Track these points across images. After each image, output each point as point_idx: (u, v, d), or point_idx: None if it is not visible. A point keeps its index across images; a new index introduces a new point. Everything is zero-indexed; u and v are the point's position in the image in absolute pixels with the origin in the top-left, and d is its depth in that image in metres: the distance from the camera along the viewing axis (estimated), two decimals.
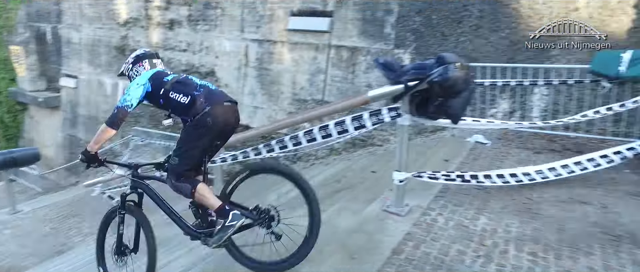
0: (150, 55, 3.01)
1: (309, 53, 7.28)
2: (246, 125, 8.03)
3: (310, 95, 7.35)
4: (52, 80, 13.13)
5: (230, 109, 2.70)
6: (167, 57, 9.18)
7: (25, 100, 13.48)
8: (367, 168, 5.38)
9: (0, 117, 14.27)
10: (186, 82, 2.71)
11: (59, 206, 8.05)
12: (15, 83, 13.72)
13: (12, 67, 13.54)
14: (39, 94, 13.01)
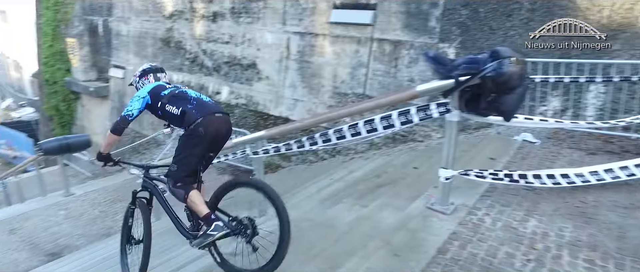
0: (156, 69, 3.29)
1: (351, 46, 7.22)
2: (286, 118, 8.10)
3: (351, 89, 7.30)
4: (102, 71, 13.74)
5: (221, 119, 2.89)
6: (209, 49, 9.38)
7: (78, 90, 14.19)
8: (408, 164, 5.29)
9: (56, 105, 15.10)
10: (181, 96, 2.93)
11: (108, 191, 8.44)
12: (70, 73, 14.46)
13: (68, 58, 14.26)
14: (90, 83, 13.66)
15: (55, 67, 14.84)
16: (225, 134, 2.98)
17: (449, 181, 3.17)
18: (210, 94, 9.52)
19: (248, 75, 8.70)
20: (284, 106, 8.18)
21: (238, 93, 8.93)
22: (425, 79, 6.53)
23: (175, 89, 3.02)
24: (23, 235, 6.51)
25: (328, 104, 7.59)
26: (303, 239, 3.36)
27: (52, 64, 14.91)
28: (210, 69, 9.44)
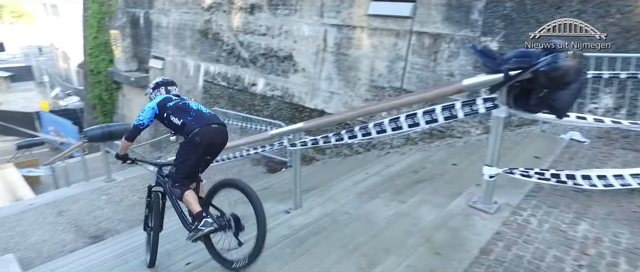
0: (167, 83, 3.67)
1: (389, 39, 7.09)
2: (321, 111, 8.08)
3: (389, 82, 7.18)
4: (142, 62, 14.16)
5: (216, 130, 3.25)
6: (246, 41, 9.46)
7: (119, 80, 14.69)
8: (446, 160, 5.16)
9: (100, 95, 15.70)
10: (183, 108, 3.31)
11: (146, 178, 8.69)
12: (112, 64, 14.99)
13: (111, 49, 14.78)
14: (131, 74, 14.11)
15: (99, 57, 15.42)
16: (221, 143, 3.34)
17: (493, 179, 3.05)
18: (245, 86, 9.63)
19: (284, 68, 8.72)
20: (319, 99, 8.16)
21: (274, 85, 8.97)
22: (465, 73, 6.34)
23: (180, 101, 3.39)
24: (69, 217, 6.82)
25: (364, 97, 7.51)
26: (340, 232, 3.33)
27: (96, 54, 15.50)
28: (246, 60, 9.53)
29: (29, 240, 6.04)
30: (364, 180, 5.10)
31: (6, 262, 4.74)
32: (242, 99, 9.72)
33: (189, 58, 11.36)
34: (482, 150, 5.33)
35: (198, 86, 11.11)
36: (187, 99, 3.48)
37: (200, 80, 10.99)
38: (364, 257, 2.78)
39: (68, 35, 29.51)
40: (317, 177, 6.16)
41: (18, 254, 5.39)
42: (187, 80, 11.53)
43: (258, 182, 7.13)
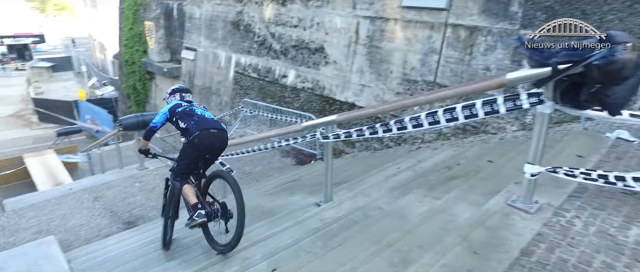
0: (181, 90, 4.19)
1: (423, 32, 6.92)
2: (352, 104, 8.00)
3: (421, 76, 7.02)
4: (174, 53, 14.40)
5: (214, 134, 3.64)
6: (278, 32, 9.45)
7: (152, 70, 15.01)
8: (481, 157, 5.00)
9: (134, 84, 16.11)
10: (189, 114, 3.72)
11: None
12: (146, 55, 15.32)
13: (145, 40, 15.11)
14: (164, 64, 14.38)
15: (133, 48, 15.79)
16: (219, 146, 3.75)
17: (535, 178, 2.92)
18: (276, 78, 9.64)
19: (315, 60, 8.67)
20: (350, 91, 8.08)
21: (304, 77, 8.94)
22: (502, 67, 6.12)
23: (188, 107, 3.81)
24: (105, 203, 7.03)
25: (396, 91, 7.38)
26: (372, 227, 3.28)
27: (131, 45, 15.88)
28: (277, 52, 9.53)
29: (68, 223, 6.27)
30: (395, 175, 5.02)
31: (48, 244, 4.90)
32: (273, 90, 9.74)
33: (221, 49, 11.47)
34: (518, 147, 5.17)
35: (229, 77, 11.22)
36: (196, 106, 3.90)
37: (231, 72, 11.08)
38: (398, 253, 2.72)
39: (105, 27, 30.41)
40: (347, 171, 6.11)
41: (58, 236, 5.59)
42: (218, 71, 11.66)
43: (287, 173, 7.16)
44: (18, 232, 6.10)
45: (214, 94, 11.97)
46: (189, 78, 13.09)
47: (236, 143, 6.17)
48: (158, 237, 4.99)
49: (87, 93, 27.23)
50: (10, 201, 7.63)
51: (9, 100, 31.41)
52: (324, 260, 2.84)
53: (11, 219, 6.57)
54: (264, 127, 9.76)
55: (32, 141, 22.24)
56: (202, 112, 3.81)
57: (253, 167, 7.90)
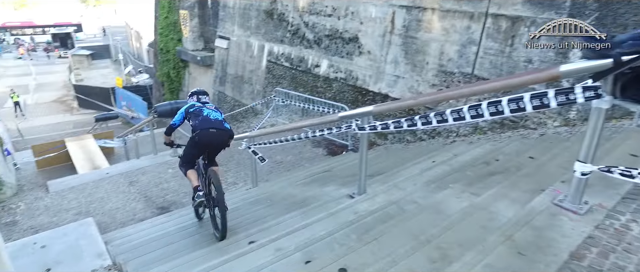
0: (199, 92, 4.65)
1: (462, 22, 6.68)
2: (385, 95, 7.86)
3: (458, 68, 6.80)
4: (208, 41, 14.57)
5: (214, 134, 4.18)
6: (312, 21, 9.37)
7: (186, 58, 15.25)
8: (522, 153, 4.79)
9: (168, 72, 16.44)
10: (196, 114, 4.29)
11: None
12: (180, 43, 15.57)
13: (180, 29, 15.35)
14: (198, 53, 14.58)
15: (168, 37, 16.08)
16: (218, 144, 4.30)
17: (586, 177, 2.74)
18: (309, 67, 9.58)
19: (349, 49, 8.55)
20: (383, 82, 7.93)
21: (337, 67, 8.84)
22: (546, 60, 5.84)
23: (198, 108, 4.35)
24: (139, 187, 7.21)
25: (431, 82, 7.18)
26: (409, 222, 3.19)
27: (166, 34, 16.18)
28: (311, 41, 9.46)
29: (105, 206, 6.47)
30: (430, 168, 4.88)
31: (88, 225, 5.06)
32: (305, 80, 9.70)
33: (254, 38, 11.50)
34: (562, 143, 4.93)
35: (261, 66, 11.25)
36: (208, 107, 4.42)
37: (264, 61, 11.10)
38: (437, 250, 2.62)
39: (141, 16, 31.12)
40: (380, 163, 6.01)
41: (96, 218, 5.77)
42: (251, 60, 11.71)
43: (318, 164, 7.12)
44: (60, 212, 6.34)
45: (247, 83, 12.04)
46: (221, 67, 13.21)
47: (268, 132, 6.17)
48: (190, 223, 5.08)
49: (124, 80, 28.03)
50: (53, 182, 7.95)
51: (52, 86, 32.81)
52: (360, 253, 2.78)
53: (55, 200, 6.84)
54: (295, 117, 9.74)
55: (72, 126, 23.16)
56: (209, 112, 4.32)
57: (284, 157, 7.91)
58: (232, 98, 12.86)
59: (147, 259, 3.83)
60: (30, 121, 24.07)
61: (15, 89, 26.25)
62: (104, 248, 4.57)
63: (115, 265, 4.21)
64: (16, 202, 6.90)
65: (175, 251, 3.95)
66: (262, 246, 3.29)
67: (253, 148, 5.86)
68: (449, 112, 3.07)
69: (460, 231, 2.85)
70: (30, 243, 4.77)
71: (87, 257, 4.42)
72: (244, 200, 5.48)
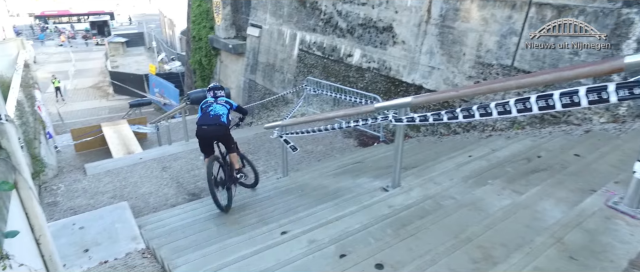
0: (215, 88, 5.29)
1: (503, 11, 6.39)
2: (419, 86, 7.65)
3: (497, 59, 6.53)
4: (240, 29, 14.61)
5: (206, 129, 4.89)
6: (345, 10, 9.21)
7: (218, 46, 15.36)
8: (566, 150, 4.55)
9: (200, 60, 16.62)
10: (203, 109, 5.06)
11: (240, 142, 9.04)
12: (213, 31, 15.69)
13: (213, 16, 15.45)
14: (229, 41, 14.65)
15: (201, 25, 16.23)
16: (213, 137, 5.00)
17: None
18: (341, 56, 9.45)
19: (382, 39, 8.36)
20: (417, 73, 7.72)
21: (370, 57, 8.68)
22: (594, 53, 5.51)
23: (208, 104, 5.05)
24: (172, 173, 7.32)
25: (468, 74, 6.94)
26: (448, 219, 3.06)
27: (199, 22, 16.33)
28: (343, 30, 9.31)
29: (139, 190, 6.60)
30: (467, 163, 4.71)
31: (123, 209, 5.17)
32: (337, 69, 9.58)
33: (286, 26, 11.44)
34: (612, 141, 4.65)
35: (293, 55, 11.19)
36: (216, 103, 5.04)
37: (296, 49, 11.04)
38: (479, 249, 2.50)
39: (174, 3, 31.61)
40: (414, 156, 5.86)
41: (130, 202, 5.89)
42: (282, 48, 11.67)
43: (350, 155, 7.03)
44: (97, 195, 6.52)
45: (278, 72, 12.03)
46: (253, 55, 13.24)
47: (302, 122, 6.10)
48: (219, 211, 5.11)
49: (157, 67, 28.62)
50: (90, 165, 8.19)
51: (89, 73, 33.91)
52: (397, 249, 2.69)
53: (92, 183, 7.03)
54: (326, 107, 9.66)
55: (108, 111, 23.90)
56: (214, 108, 4.95)
57: (315, 146, 7.85)
58: (262, 86, 12.88)
59: (179, 245, 3.86)
60: (70, 106, 24.98)
61: (56, 74, 27.26)
62: (138, 232, 4.66)
63: (149, 249, 4.28)
64: (57, 184, 7.14)
65: (207, 238, 3.97)
66: (294, 237, 3.24)
67: (286, 137, 5.82)
68: (494, 106, 2.91)
69: (503, 230, 2.71)
70: (70, 224, 4.91)
71: (122, 240, 4.51)
72: (275, 188, 5.47)
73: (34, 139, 8.38)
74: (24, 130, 7.83)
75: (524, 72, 6.27)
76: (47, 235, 3.38)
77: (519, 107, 2.80)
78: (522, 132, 6.17)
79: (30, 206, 3.19)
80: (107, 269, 4.06)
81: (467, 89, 3.06)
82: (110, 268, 4.05)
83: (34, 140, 8.26)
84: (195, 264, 3.16)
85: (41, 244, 3.40)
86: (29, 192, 3.13)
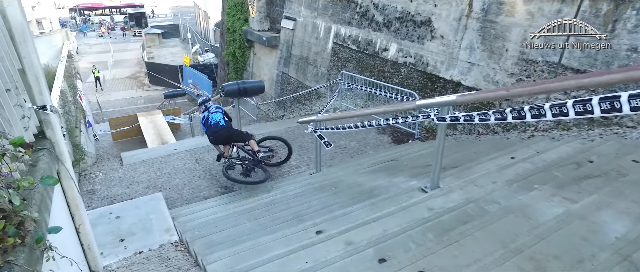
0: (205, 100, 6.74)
1: (551, 5, 6.03)
2: (457, 82, 7.38)
3: (543, 56, 6.19)
4: (274, 22, 14.56)
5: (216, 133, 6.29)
6: (382, 3, 8.99)
7: (252, 39, 15.38)
8: (622, 155, 4.24)
9: (233, 52, 16.72)
10: (205, 124, 6.45)
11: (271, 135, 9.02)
12: (247, 23, 15.73)
13: (247, 9, 15.48)
14: (263, 33, 14.63)
15: (235, 17, 16.29)
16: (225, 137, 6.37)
17: None
18: (376, 51, 9.24)
19: (420, 33, 8.10)
20: (456, 69, 7.44)
21: (407, 51, 8.44)
22: None
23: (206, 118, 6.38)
24: (204, 165, 7.36)
25: (510, 71, 6.62)
26: (493, 225, 2.89)
27: (233, 14, 16.39)
28: (379, 24, 9.09)
29: (172, 181, 6.66)
30: (510, 165, 4.48)
31: (157, 200, 5.22)
32: (372, 64, 9.39)
33: (320, 19, 11.30)
34: None
35: (327, 48, 11.06)
36: (212, 114, 6.34)
37: (330, 43, 10.90)
38: (531, 262, 2.33)
39: None
40: (451, 155, 5.63)
41: (164, 193, 5.95)
42: (316, 42, 11.55)
43: (384, 151, 6.86)
44: (132, 184, 6.62)
45: (311, 65, 11.93)
46: (286, 47, 13.18)
47: (337, 117, 5.98)
48: (253, 206, 5.07)
49: (191, 59, 29.08)
50: (126, 154, 8.35)
51: (127, 63, 34.90)
52: (440, 256, 2.54)
53: (128, 172, 7.16)
54: (360, 101, 9.50)
55: (143, 101, 24.51)
56: (213, 117, 6.29)
57: (348, 142, 7.71)
58: (295, 79, 12.82)
59: (212, 240, 3.83)
60: (108, 95, 25.78)
61: (96, 65, 28.19)
62: (171, 224, 4.68)
63: (182, 242, 4.28)
64: (95, 172, 7.31)
65: (240, 234, 3.92)
66: (330, 238, 3.14)
67: (319, 132, 5.72)
68: (548, 107, 2.70)
69: (556, 242, 2.52)
70: (107, 213, 5.00)
71: (156, 231, 4.54)
72: (308, 184, 5.38)
73: (75, 127, 8.63)
74: (66, 120, 8.06)
75: (572, 71, 5.92)
76: (87, 224, 3.42)
77: (577, 109, 2.58)
78: (568, 133, 5.83)
79: (71, 195, 3.23)
80: (141, 260, 4.09)
81: (520, 88, 2.85)
82: (144, 259, 4.07)
83: (75, 128, 8.50)
84: (229, 261, 3.11)
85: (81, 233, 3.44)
86: (70, 182, 3.16)
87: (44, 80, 2.95)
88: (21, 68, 2.75)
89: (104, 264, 3.87)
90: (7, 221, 1.59)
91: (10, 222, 1.60)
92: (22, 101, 2.64)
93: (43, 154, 2.65)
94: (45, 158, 2.62)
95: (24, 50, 2.73)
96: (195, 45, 33.89)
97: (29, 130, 2.67)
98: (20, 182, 1.54)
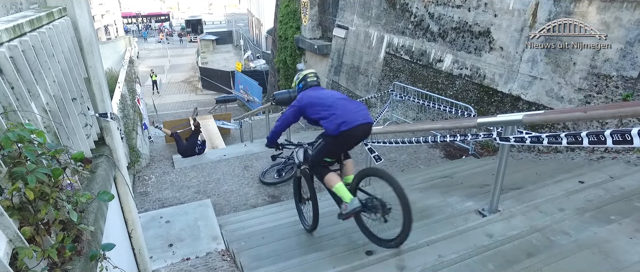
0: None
1: (632, 14, 5.54)
2: (516, 97, 6.97)
3: (618, 70, 5.69)
4: (326, 30, 14.61)
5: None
6: (437, 12, 8.71)
7: (303, 46, 15.52)
8: None
9: (285, 59, 16.94)
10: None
11: None
12: (299, 31, 15.89)
13: (300, 17, 15.65)
14: (315, 41, 14.72)
15: (288, 24, 16.52)
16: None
17: None
18: (430, 62, 8.97)
19: (478, 44, 7.76)
20: (515, 83, 7.04)
21: (463, 63, 8.11)
22: None
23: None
24: (253, 173, 7.41)
25: (577, 86, 6.15)
26: (565, 262, 2.62)
27: (286, 21, 16.64)
28: (434, 34, 8.82)
29: (221, 188, 6.75)
30: (578, 191, 4.10)
31: (206, 207, 5.28)
32: (425, 75, 9.11)
33: (373, 28, 11.17)
34: None
35: (379, 58, 10.89)
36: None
37: (382, 52, 10.72)
38: None
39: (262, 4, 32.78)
40: (510, 175, 5.24)
41: (212, 199, 6.03)
42: (368, 51, 11.41)
43: (436, 167, 6.59)
44: (182, 189, 6.78)
45: (362, 74, 11.80)
46: (337, 56, 13.14)
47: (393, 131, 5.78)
48: None
49: (242, 65, 29.85)
50: (178, 158, 8.60)
51: (182, 68, 36.44)
52: None
53: (179, 176, 7.35)
54: (411, 113, 9.24)
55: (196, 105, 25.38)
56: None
57: (398, 155, 7.50)
58: (345, 89, 12.74)
59: (259, 253, 3.78)
60: (163, 98, 26.96)
61: (154, 69, 29.62)
62: (219, 232, 4.70)
63: (228, 251, 4.28)
64: (149, 174, 7.57)
65: (287, 248, 3.84)
66: (382, 261, 2.99)
67: (370, 145, 5.56)
68: (636, 133, 2.41)
69: None
70: (157, 217, 5.11)
71: (204, 239, 4.58)
72: None
73: (132, 130, 9.00)
74: (124, 123, 8.42)
75: None
76: (139, 229, 3.47)
77: None
78: None
79: (125, 200, 3.30)
80: (188, 267, 4.12)
81: (601, 110, 2.57)
82: (191, 266, 4.10)
83: (132, 131, 8.87)
84: None
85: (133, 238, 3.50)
86: (125, 188, 3.22)
87: (107, 88, 3.04)
88: (87, 77, 2.84)
89: (152, 268, 3.93)
90: (65, 233, 1.61)
91: (69, 234, 1.61)
92: (86, 110, 2.71)
93: (102, 160, 2.70)
94: (103, 165, 2.67)
95: (90, 60, 2.82)
96: (247, 51, 34.78)
97: (90, 137, 2.74)
98: (79, 197, 1.53)
